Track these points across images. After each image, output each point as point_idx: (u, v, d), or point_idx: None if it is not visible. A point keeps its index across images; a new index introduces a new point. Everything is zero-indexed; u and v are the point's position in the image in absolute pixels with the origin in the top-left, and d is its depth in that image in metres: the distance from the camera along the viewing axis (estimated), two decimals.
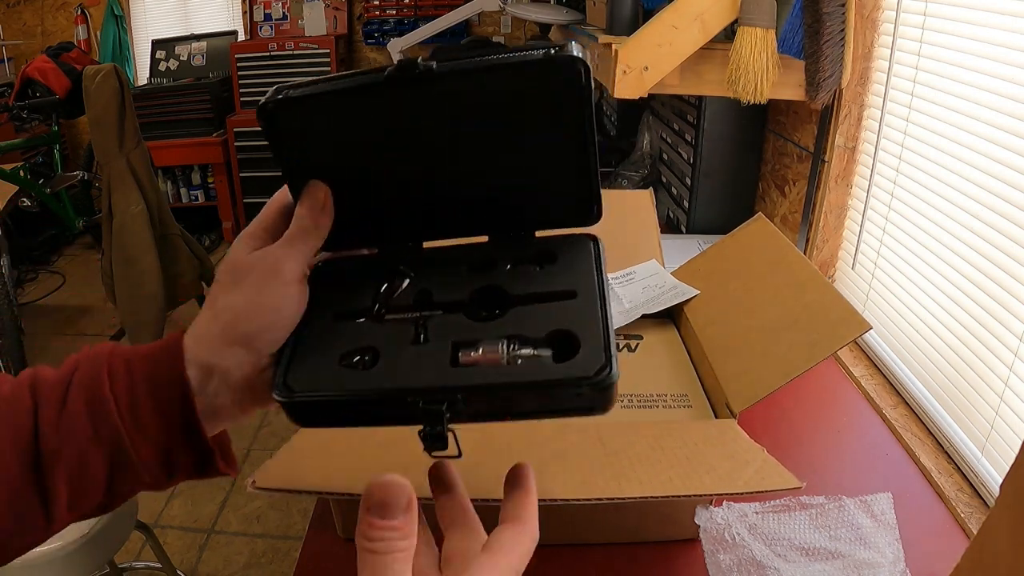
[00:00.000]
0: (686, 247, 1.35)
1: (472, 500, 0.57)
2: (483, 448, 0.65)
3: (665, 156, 1.81)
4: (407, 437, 0.71)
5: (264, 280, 0.41)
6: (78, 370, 0.40)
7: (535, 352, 0.39)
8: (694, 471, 0.62)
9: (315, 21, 4.01)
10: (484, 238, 0.47)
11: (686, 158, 1.61)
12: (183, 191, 4.14)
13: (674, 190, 1.72)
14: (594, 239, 0.49)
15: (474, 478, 0.61)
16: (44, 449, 0.38)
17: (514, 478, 0.44)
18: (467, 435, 0.45)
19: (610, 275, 1.03)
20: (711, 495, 0.60)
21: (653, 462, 0.63)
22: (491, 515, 0.75)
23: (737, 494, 0.59)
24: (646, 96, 1.15)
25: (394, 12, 4.11)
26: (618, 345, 0.91)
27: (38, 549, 1.18)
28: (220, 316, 0.41)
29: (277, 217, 0.45)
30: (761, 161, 1.56)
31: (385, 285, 0.45)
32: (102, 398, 0.39)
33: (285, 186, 0.45)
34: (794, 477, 0.60)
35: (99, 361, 0.40)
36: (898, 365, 1.08)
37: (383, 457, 0.65)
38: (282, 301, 0.42)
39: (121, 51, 4.22)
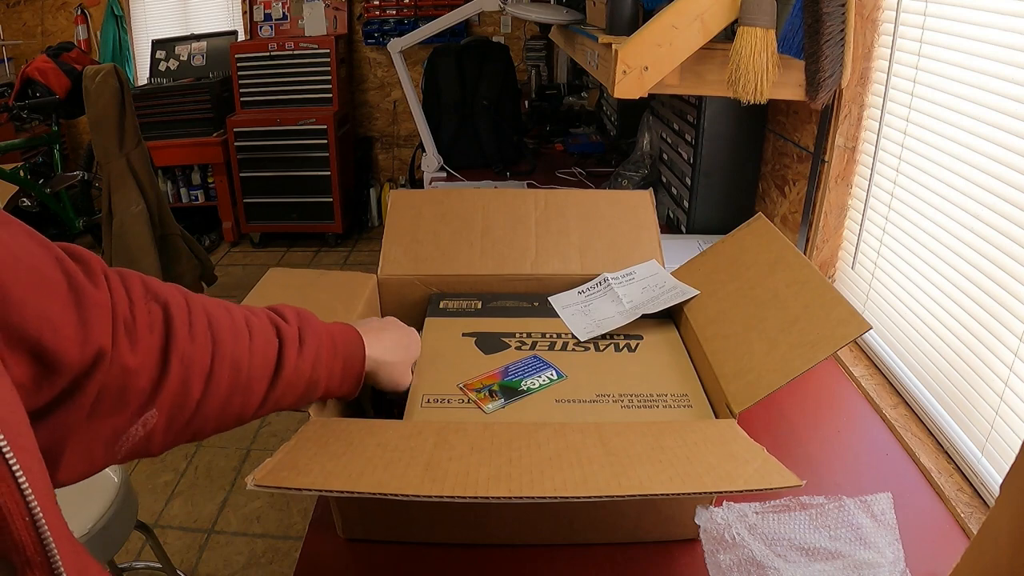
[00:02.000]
0: (686, 247, 1.35)
1: (472, 499, 0.58)
2: (483, 448, 0.65)
3: (665, 156, 1.81)
4: (406, 437, 0.72)
5: (398, 378, 0.79)
6: (304, 327, 0.65)
7: None
8: (694, 471, 0.62)
9: (315, 21, 4.01)
10: None
11: (686, 158, 1.61)
12: (183, 191, 4.14)
13: (674, 190, 1.72)
14: None
15: (474, 477, 0.61)
16: (281, 373, 0.61)
17: None
18: (468, 435, 0.45)
19: (610, 275, 1.03)
20: (711, 494, 0.60)
21: (653, 462, 0.63)
22: (492, 514, 0.75)
23: (737, 492, 0.59)
24: (646, 96, 1.15)
25: (394, 12, 4.11)
26: (618, 345, 0.91)
27: None
28: (385, 353, 0.76)
29: None
30: (761, 161, 1.56)
31: None
32: (324, 361, 0.66)
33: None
34: (794, 475, 0.60)
35: (319, 333, 0.66)
36: (898, 365, 1.08)
37: (382, 456, 0.65)
38: (385, 388, 0.80)
39: (121, 51, 4.22)
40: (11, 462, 0.33)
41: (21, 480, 0.33)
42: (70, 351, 0.44)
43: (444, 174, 2.28)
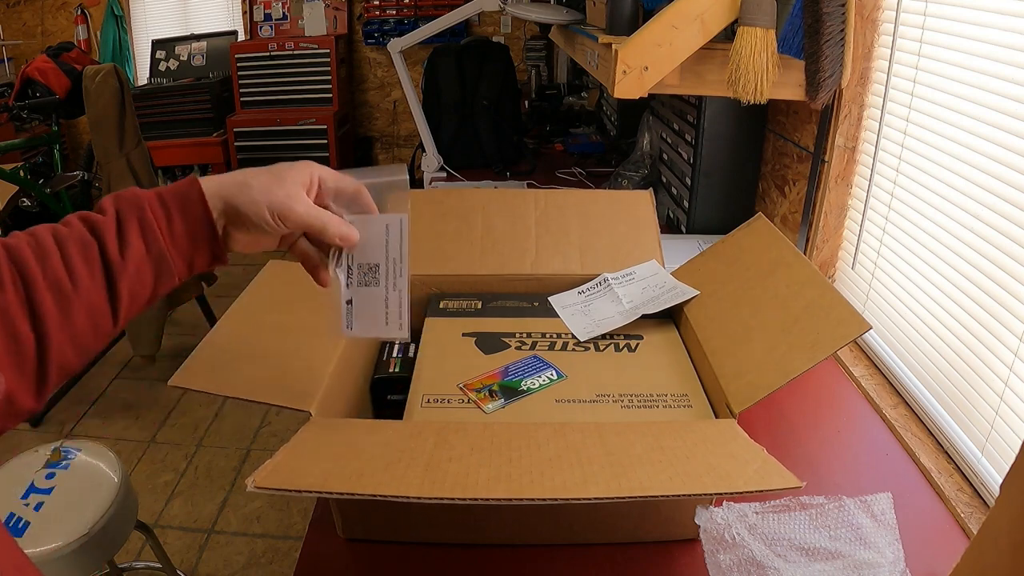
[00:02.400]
0: (686, 247, 1.35)
1: (472, 500, 0.57)
2: (483, 448, 0.65)
3: (665, 156, 1.81)
4: (406, 437, 0.72)
5: (278, 205, 0.59)
6: (121, 207, 0.56)
7: None
8: (694, 471, 0.62)
9: (315, 21, 4.01)
10: None
11: (686, 158, 1.61)
12: None
13: (674, 190, 1.72)
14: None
15: (474, 478, 0.61)
16: (113, 268, 0.54)
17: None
18: (468, 435, 0.45)
19: (610, 275, 1.03)
20: (711, 495, 0.60)
21: (653, 462, 0.63)
22: (492, 515, 0.75)
23: (737, 494, 0.59)
24: (646, 96, 1.15)
25: (394, 12, 4.11)
26: (618, 345, 0.91)
27: (38, 549, 1.18)
28: (240, 185, 0.59)
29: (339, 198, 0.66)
30: (761, 161, 1.56)
31: None
32: (150, 224, 0.55)
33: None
34: (794, 477, 0.60)
35: (138, 198, 0.56)
36: (898, 365, 1.08)
37: (382, 457, 0.65)
38: (268, 227, 0.59)
39: (121, 51, 4.22)
40: None
41: None
42: None
43: (444, 174, 2.28)
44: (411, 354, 0.94)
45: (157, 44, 4.19)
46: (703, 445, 0.67)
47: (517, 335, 0.94)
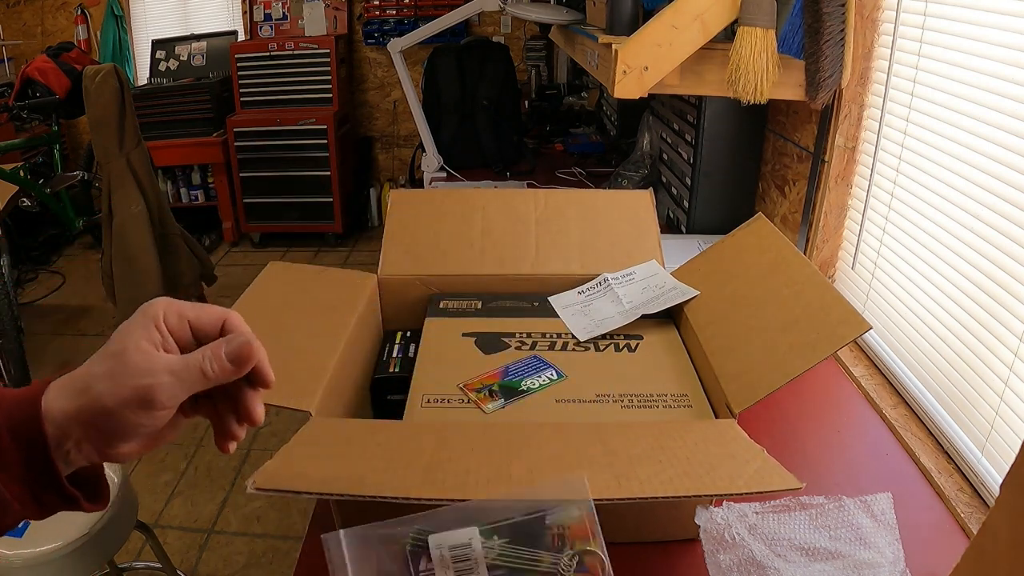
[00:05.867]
0: (686, 247, 1.35)
1: (472, 500, 0.57)
2: (483, 448, 0.65)
3: (665, 156, 1.81)
4: (406, 438, 0.72)
5: (136, 397, 0.42)
6: None
7: None
8: (694, 471, 0.62)
9: (315, 21, 4.01)
10: None
11: (686, 158, 1.61)
12: (183, 191, 4.14)
13: (674, 190, 1.72)
14: None
15: (474, 478, 0.61)
16: None
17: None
18: (467, 435, 0.45)
19: (610, 275, 1.03)
20: (711, 495, 0.60)
21: (653, 462, 0.63)
22: (490, 514, 0.74)
23: (737, 495, 0.59)
24: (646, 96, 1.15)
25: (394, 12, 4.11)
26: (618, 345, 0.91)
27: (38, 549, 1.18)
28: (82, 394, 0.42)
29: (200, 325, 0.46)
30: (761, 161, 1.56)
31: None
32: None
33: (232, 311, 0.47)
34: (794, 477, 0.60)
35: None
36: (898, 365, 1.08)
37: (382, 457, 0.65)
38: (145, 423, 0.42)
39: (121, 51, 4.22)
40: None
41: None
42: None
43: (444, 174, 2.28)
44: (411, 354, 0.94)
45: (157, 44, 4.19)
46: (703, 445, 0.67)
47: (517, 335, 0.94)
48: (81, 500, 0.43)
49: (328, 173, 3.92)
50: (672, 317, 0.98)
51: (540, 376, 0.85)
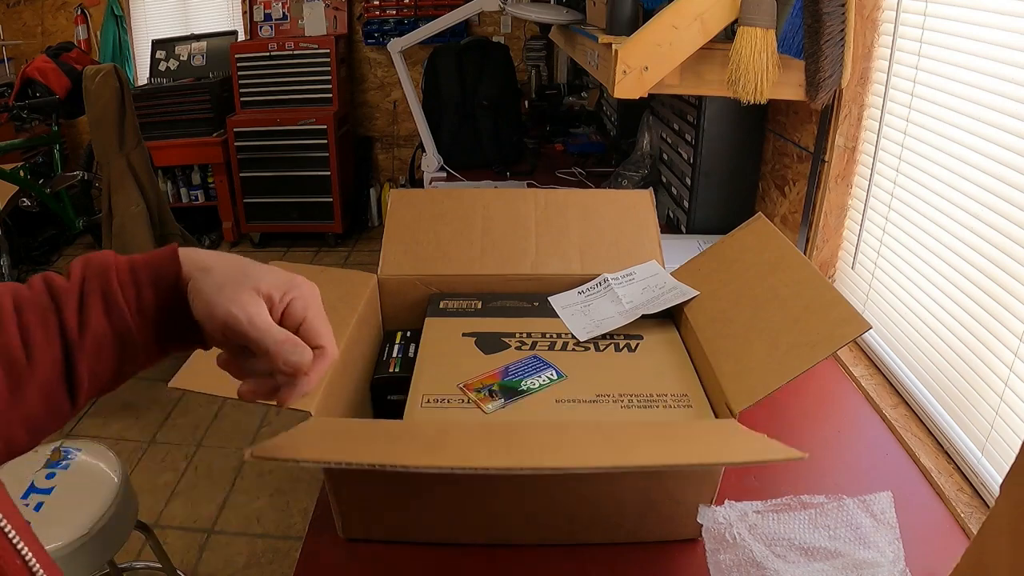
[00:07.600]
0: (686, 247, 1.35)
1: (472, 469, 0.58)
2: (482, 446, 0.65)
3: (665, 156, 1.81)
4: (406, 431, 0.71)
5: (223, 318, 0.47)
6: (88, 275, 0.48)
7: None
8: (696, 449, 0.62)
9: (315, 21, 4.01)
10: None
11: (686, 158, 1.61)
12: (183, 191, 4.13)
13: (674, 190, 1.72)
14: None
15: (475, 453, 0.61)
16: (71, 346, 0.46)
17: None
18: (467, 434, 0.45)
19: (610, 275, 1.03)
20: (712, 464, 0.60)
21: (654, 440, 0.63)
22: (492, 510, 0.75)
23: (741, 464, 0.58)
24: (646, 96, 1.15)
25: (394, 12, 4.11)
26: (618, 345, 0.91)
27: None
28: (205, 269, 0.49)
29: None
30: (761, 161, 1.56)
31: None
32: (115, 297, 0.47)
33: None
34: (796, 450, 0.59)
35: (106, 265, 0.48)
36: (898, 365, 1.08)
37: (384, 438, 0.65)
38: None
39: (121, 51, 4.21)
40: (12, 538, 0.39)
41: (25, 553, 0.39)
42: None
43: (444, 174, 2.28)
44: (411, 354, 0.94)
45: (157, 44, 4.19)
46: (704, 436, 0.67)
47: (517, 335, 0.94)
48: (202, 333, 0.49)
49: (328, 173, 3.92)
50: (672, 317, 0.98)
51: (540, 376, 0.85)
